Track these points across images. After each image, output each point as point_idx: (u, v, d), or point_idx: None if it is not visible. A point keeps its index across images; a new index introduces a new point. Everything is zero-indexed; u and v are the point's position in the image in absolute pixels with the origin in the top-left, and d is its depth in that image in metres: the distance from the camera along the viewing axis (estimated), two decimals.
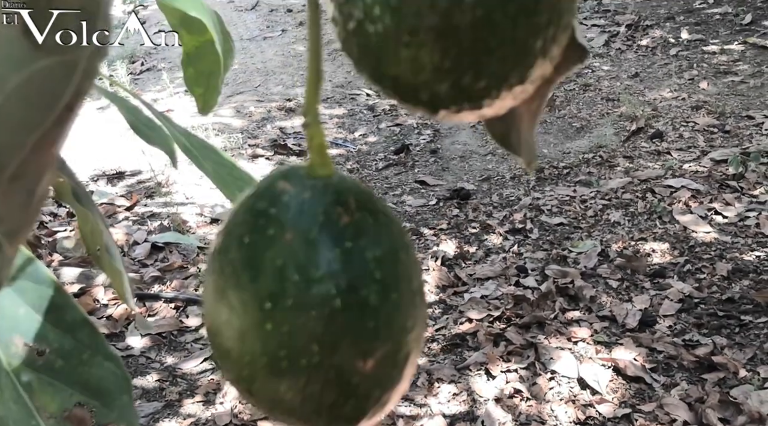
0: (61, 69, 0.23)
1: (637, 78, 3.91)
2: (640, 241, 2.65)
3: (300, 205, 0.28)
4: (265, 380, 0.28)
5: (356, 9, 0.24)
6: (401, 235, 0.29)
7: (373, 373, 0.28)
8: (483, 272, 2.60)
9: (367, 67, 0.26)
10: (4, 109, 0.23)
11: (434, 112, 0.26)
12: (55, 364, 0.52)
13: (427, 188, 3.21)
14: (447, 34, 0.23)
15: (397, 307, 0.28)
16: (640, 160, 3.17)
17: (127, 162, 3.45)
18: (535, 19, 0.24)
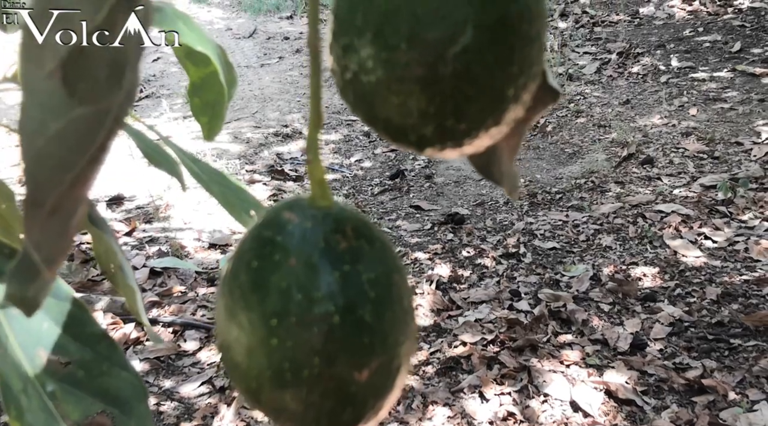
0: (95, 116, 0.27)
1: (628, 105, 3.96)
2: (631, 265, 2.69)
3: (303, 233, 0.31)
4: (271, 390, 0.31)
5: (352, 62, 0.28)
6: (394, 259, 0.33)
7: (368, 383, 0.31)
8: (477, 296, 2.63)
9: (362, 111, 0.29)
10: (44, 151, 0.27)
11: (421, 150, 0.30)
12: (77, 374, 0.56)
13: (422, 213, 3.24)
14: (431, 83, 0.27)
15: (390, 324, 0.32)
16: (631, 186, 3.22)
17: (125, 187, 3.49)
18: (508, 71, 0.28)
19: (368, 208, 3.30)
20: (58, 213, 0.28)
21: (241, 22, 6.09)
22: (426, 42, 0.26)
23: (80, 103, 0.27)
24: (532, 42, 0.28)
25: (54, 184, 0.27)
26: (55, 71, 0.26)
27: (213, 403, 2.16)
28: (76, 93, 0.27)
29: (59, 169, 0.27)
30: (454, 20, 0.26)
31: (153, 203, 3.32)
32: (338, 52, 0.28)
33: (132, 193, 3.47)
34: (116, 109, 0.27)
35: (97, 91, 0.27)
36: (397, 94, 0.28)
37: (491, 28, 0.27)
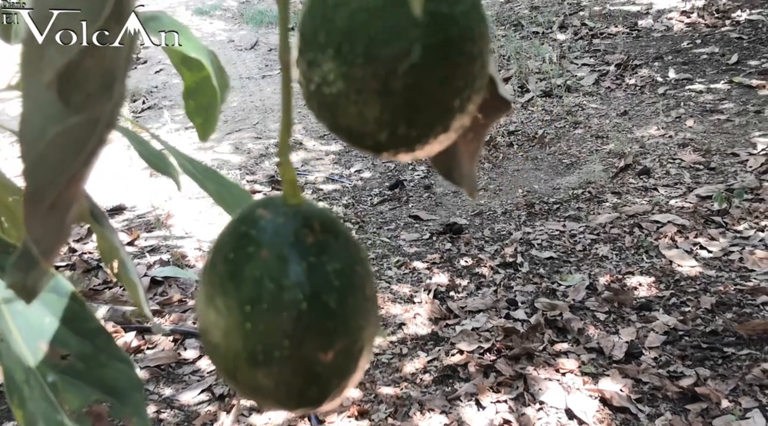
0: (88, 123, 0.30)
1: (626, 116, 4.00)
2: (627, 274, 2.72)
3: (274, 228, 0.35)
4: (246, 370, 0.35)
5: (316, 75, 0.32)
6: (357, 252, 0.36)
7: (332, 364, 0.35)
8: (474, 305, 2.66)
9: (325, 119, 0.33)
10: (43, 154, 0.30)
11: (378, 154, 0.33)
12: (76, 366, 0.60)
13: (421, 223, 3.28)
14: (385, 95, 0.31)
15: (353, 310, 0.35)
16: (628, 196, 3.25)
17: (127, 197, 3.53)
18: (453, 84, 0.31)
19: (368, 218, 3.34)
20: (56, 209, 0.31)
21: (243, 34, 6.15)
22: (379, 58, 0.30)
23: (75, 111, 0.30)
24: (475, 59, 0.32)
25: (52, 184, 0.31)
26: (53, 83, 0.29)
27: (213, 411, 2.19)
28: (71, 103, 0.30)
29: (56, 170, 0.31)
30: (404, 40, 0.30)
31: (154, 213, 3.36)
32: (304, 66, 0.32)
33: (133, 203, 3.51)
34: (106, 116, 0.31)
35: (90, 101, 0.30)
36: (355, 104, 0.31)
37: (437, 47, 0.30)
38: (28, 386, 0.56)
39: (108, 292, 2.79)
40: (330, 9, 0.31)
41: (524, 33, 5.18)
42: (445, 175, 0.42)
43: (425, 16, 0.30)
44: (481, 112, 0.39)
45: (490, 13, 5.61)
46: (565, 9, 5.51)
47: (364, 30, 0.30)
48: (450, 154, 0.41)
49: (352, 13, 0.30)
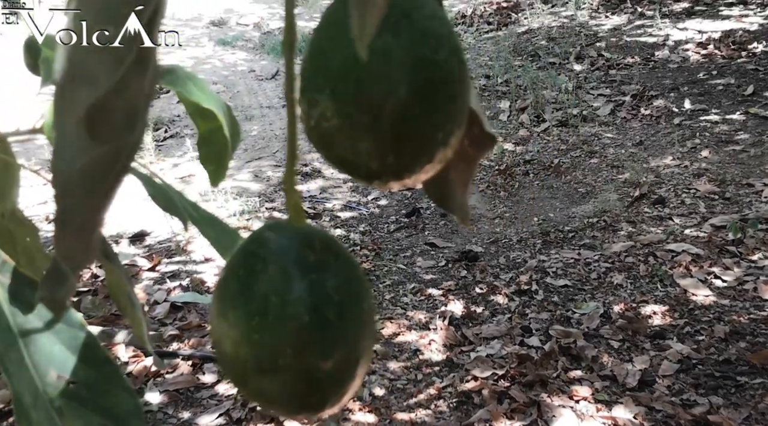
0: (111, 155, 0.34)
1: (641, 146, 4.03)
2: (641, 303, 2.73)
3: (280, 248, 0.39)
4: (253, 376, 0.39)
5: (315, 111, 0.36)
6: (355, 269, 0.40)
7: (332, 372, 0.39)
8: (489, 332, 2.68)
9: (323, 150, 0.37)
10: (72, 182, 0.35)
11: (370, 182, 0.38)
12: (81, 392, 0.63)
13: (437, 250, 3.31)
14: (374, 129, 0.35)
15: (350, 322, 0.39)
16: (643, 225, 3.27)
17: (148, 224, 3.59)
18: (436, 120, 0.36)
19: (384, 245, 3.37)
20: (83, 230, 0.36)
21: (264, 64, 6.26)
22: (369, 98, 0.35)
23: (101, 144, 0.34)
24: (455, 98, 0.36)
25: (79, 208, 0.35)
26: (82, 120, 0.33)
27: None
28: (98, 136, 0.34)
29: (83, 195, 0.35)
30: (391, 81, 0.34)
31: (174, 239, 3.41)
32: (305, 104, 0.37)
33: (154, 230, 3.57)
34: (128, 149, 0.35)
35: (114, 135, 0.35)
36: (348, 138, 0.36)
37: (420, 87, 0.35)
38: (35, 410, 0.59)
39: None
40: (327, 55, 0.36)
41: (541, 63, 5.24)
42: (438, 203, 0.46)
43: (409, 59, 0.34)
44: (471, 145, 0.43)
45: (507, 44, 5.68)
46: (582, 40, 5.56)
47: (356, 73, 0.35)
48: (443, 184, 0.45)
49: (345, 59, 0.35)
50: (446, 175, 0.44)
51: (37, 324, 0.61)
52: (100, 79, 0.33)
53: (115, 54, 0.33)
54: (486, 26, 6.23)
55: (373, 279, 3.09)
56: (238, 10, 7.30)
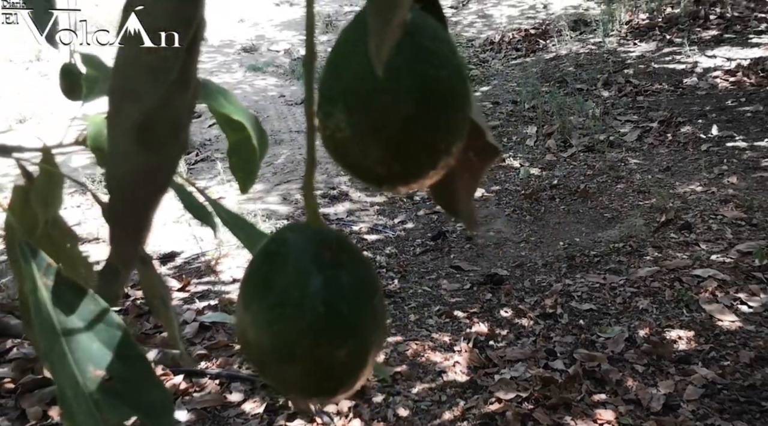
0: (158, 162, 0.39)
1: (668, 172, 4.03)
2: (666, 328, 2.73)
3: (299, 247, 0.43)
4: (273, 364, 0.43)
5: (330, 123, 0.40)
6: (367, 268, 0.44)
7: (345, 361, 0.42)
8: (513, 354, 2.69)
9: (338, 158, 0.42)
10: (122, 185, 0.39)
11: (380, 186, 0.42)
12: (117, 387, 0.68)
13: (462, 273, 3.33)
14: (383, 139, 0.39)
15: (362, 316, 0.43)
16: (669, 251, 3.26)
17: (178, 245, 3.66)
18: (438, 131, 0.40)
19: (410, 267, 3.41)
20: (132, 229, 0.40)
21: (293, 89, 6.36)
22: (378, 110, 0.39)
23: (148, 152, 0.39)
24: (456, 111, 0.40)
25: (130, 208, 0.39)
26: (130, 130, 0.38)
27: None
28: (145, 145, 0.39)
29: (132, 198, 0.39)
30: (397, 96, 0.39)
31: (204, 260, 3.48)
32: (321, 116, 0.41)
33: (184, 251, 3.64)
34: (173, 157, 0.40)
35: (161, 145, 0.39)
36: (359, 147, 0.40)
37: (424, 101, 0.39)
38: (76, 402, 0.64)
39: (158, 336, 2.90)
40: (340, 72, 0.40)
41: (568, 90, 5.27)
42: (445, 208, 0.50)
43: (415, 76, 0.39)
44: (476, 156, 0.47)
45: (534, 70, 5.72)
46: (610, 67, 5.58)
47: (366, 88, 0.39)
48: (449, 192, 0.49)
49: (357, 76, 0.39)
50: (453, 185, 0.48)
51: (78, 324, 0.66)
52: (146, 95, 0.38)
53: (159, 73, 0.38)
54: (514, 53, 6.28)
55: (399, 301, 3.12)
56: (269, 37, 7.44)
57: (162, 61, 0.37)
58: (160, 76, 0.37)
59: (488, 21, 6.98)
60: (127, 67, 0.37)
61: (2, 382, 2.50)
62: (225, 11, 7.70)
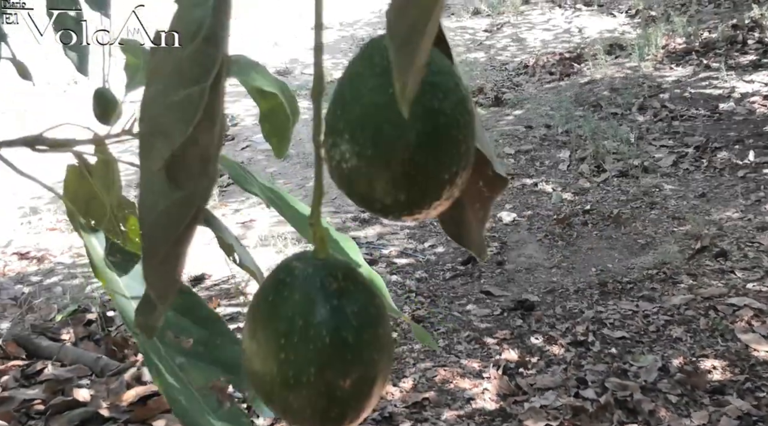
0: (189, 198, 0.40)
1: (704, 198, 3.97)
2: (701, 357, 2.68)
3: (305, 276, 0.43)
4: (279, 392, 0.43)
5: (336, 153, 0.41)
6: (373, 298, 0.44)
7: (350, 389, 0.42)
8: (543, 382, 2.66)
9: (344, 187, 0.42)
10: (156, 222, 0.40)
11: (386, 216, 0.42)
12: (198, 349, 0.72)
13: (492, 299, 3.31)
14: (387, 170, 0.40)
15: (368, 344, 0.43)
16: (704, 278, 3.21)
17: (208, 267, 3.69)
18: (442, 162, 0.40)
19: (439, 292, 3.39)
20: (167, 263, 0.41)
21: None
22: (383, 142, 0.39)
23: (179, 189, 0.40)
24: (460, 143, 0.40)
25: (162, 244, 0.40)
26: (161, 169, 0.39)
27: None
28: (176, 182, 0.40)
29: (165, 233, 0.41)
30: (402, 128, 0.39)
31: (233, 281, 3.50)
32: (328, 146, 0.42)
33: (213, 273, 3.67)
34: (202, 191, 0.41)
35: (190, 179, 0.41)
36: (365, 177, 0.40)
37: (428, 133, 0.39)
38: (162, 364, 0.68)
39: None
40: (347, 104, 0.41)
41: (602, 114, 5.23)
42: (456, 239, 0.50)
43: (420, 108, 0.39)
44: (485, 186, 0.47)
45: (568, 94, 5.69)
46: (645, 91, 5.54)
47: (372, 120, 0.40)
48: (459, 223, 0.49)
49: (363, 108, 0.40)
50: (463, 214, 0.48)
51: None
52: (174, 134, 0.39)
53: (185, 112, 0.39)
54: (548, 76, 6.26)
55: (428, 326, 3.11)
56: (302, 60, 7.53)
57: (188, 100, 0.38)
58: (186, 114, 0.38)
59: (522, 45, 6.98)
60: (155, 107, 0.39)
61: (32, 403, 2.53)
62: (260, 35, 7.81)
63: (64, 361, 2.83)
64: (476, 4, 7.72)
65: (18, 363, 2.83)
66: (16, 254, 3.89)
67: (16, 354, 2.89)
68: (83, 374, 2.73)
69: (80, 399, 2.53)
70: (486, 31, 7.38)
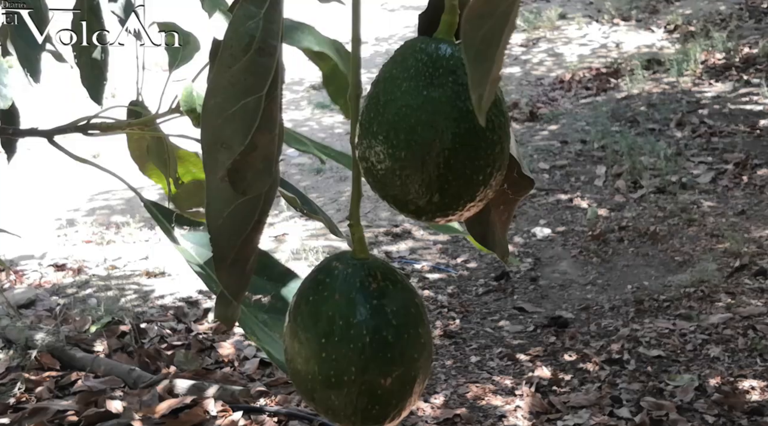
0: (253, 201, 0.42)
1: (743, 215, 3.91)
2: (739, 377, 2.63)
3: (345, 276, 0.44)
4: (321, 391, 0.43)
5: (371, 155, 0.42)
6: (412, 297, 0.45)
7: (391, 388, 0.43)
8: (577, 400, 2.63)
9: (378, 190, 0.43)
10: (222, 226, 0.42)
11: (419, 218, 0.43)
12: (278, 305, 0.76)
13: (526, 315, 3.29)
14: (422, 171, 0.40)
15: (407, 343, 0.43)
16: (743, 297, 3.16)
17: None
18: (477, 163, 0.40)
19: (472, 307, 3.37)
20: (236, 263, 0.43)
21: None
22: (418, 143, 0.40)
23: (242, 194, 0.42)
24: (495, 144, 0.41)
25: (231, 247, 0.42)
26: (224, 177, 0.41)
27: None
28: (239, 188, 0.42)
29: (233, 237, 0.42)
30: (438, 129, 0.40)
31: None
32: (362, 149, 0.42)
33: None
34: (266, 193, 0.42)
35: (254, 182, 0.42)
36: (399, 178, 0.41)
37: (463, 135, 0.40)
38: (251, 322, 0.72)
39: (219, 371, 2.92)
40: (381, 106, 0.41)
41: (639, 129, 5.18)
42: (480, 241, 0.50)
43: (454, 110, 0.39)
44: (510, 188, 0.47)
45: (605, 109, 5.65)
46: (684, 107, 5.47)
47: (406, 121, 0.40)
48: (484, 224, 0.49)
49: (398, 110, 0.40)
50: (487, 216, 0.49)
51: None
52: (234, 144, 0.41)
53: (244, 121, 0.40)
54: (584, 91, 6.22)
55: (460, 342, 3.10)
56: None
57: (245, 110, 0.40)
58: (245, 124, 0.40)
59: (558, 60, 6.95)
60: (215, 119, 0.40)
61: (66, 414, 2.55)
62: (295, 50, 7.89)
63: (98, 373, 2.86)
64: None
65: (52, 374, 2.86)
66: (53, 266, 3.95)
67: (50, 365, 2.92)
68: (116, 386, 2.76)
69: (113, 410, 2.54)
70: (522, 45, 7.36)
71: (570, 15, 7.83)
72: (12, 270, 3.86)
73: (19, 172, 4.55)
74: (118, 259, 3.98)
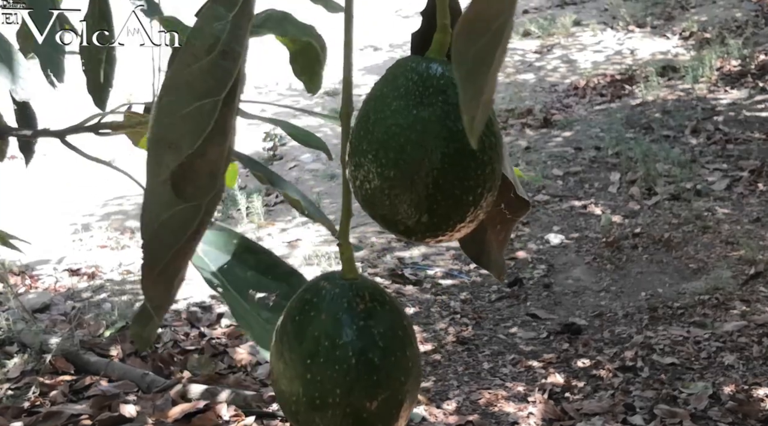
0: (192, 210, 0.40)
1: (759, 223, 3.87)
2: (753, 385, 2.60)
3: (332, 296, 0.43)
4: (306, 413, 0.43)
5: (359, 174, 0.41)
6: (401, 318, 0.44)
7: (377, 411, 0.42)
8: (590, 408, 2.61)
9: (367, 209, 0.42)
10: (157, 233, 0.40)
11: (409, 238, 0.42)
12: (282, 303, 0.75)
13: (539, 322, 3.27)
14: (411, 191, 0.40)
15: (394, 366, 0.43)
16: (758, 305, 3.12)
17: None
18: (467, 184, 0.40)
19: (485, 314, 3.36)
20: (165, 275, 0.41)
21: None
22: (407, 163, 0.39)
23: (184, 201, 0.40)
24: (485, 165, 0.40)
25: (162, 255, 0.41)
26: (167, 180, 0.39)
27: None
28: (181, 194, 0.40)
29: (166, 245, 0.41)
30: (427, 149, 0.39)
31: None
32: (351, 167, 0.42)
33: None
34: (206, 205, 0.41)
35: (197, 192, 0.41)
36: (388, 198, 0.40)
37: (453, 155, 0.39)
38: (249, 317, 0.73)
39: (232, 376, 2.93)
40: (371, 125, 0.41)
41: (654, 136, 5.15)
42: (476, 260, 0.50)
43: (444, 130, 0.39)
44: (507, 209, 0.47)
45: (619, 116, 5.62)
46: (699, 114, 5.43)
47: (396, 141, 0.40)
48: (479, 243, 0.49)
49: (387, 128, 0.40)
50: (483, 236, 0.48)
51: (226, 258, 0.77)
52: (183, 145, 0.39)
53: (196, 124, 0.39)
54: (599, 98, 6.19)
55: (473, 348, 3.08)
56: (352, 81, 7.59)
57: (199, 112, 0.38)
58: (197, 126, 0.39)
59: (572, 66, 6.92)
60: (167, 117, 0.39)
61: (80, 418, 2.56)
62: None
63: (112, 377, 2.87)
64: (526, 26, 7.68)
65: (66, 378, 2.88)
66: (68, 270, 3.97)
67: (64, 369, 2.94)
68: (130, 390, 2.77)
69: (126, 414, 2.56)
70: (536, 52, 7.34)
71: (585, 22, 7.79)
72: (27, 274, 3.89)
73: (35, 177, 4.59)
74: (132, 264, 4.00)
